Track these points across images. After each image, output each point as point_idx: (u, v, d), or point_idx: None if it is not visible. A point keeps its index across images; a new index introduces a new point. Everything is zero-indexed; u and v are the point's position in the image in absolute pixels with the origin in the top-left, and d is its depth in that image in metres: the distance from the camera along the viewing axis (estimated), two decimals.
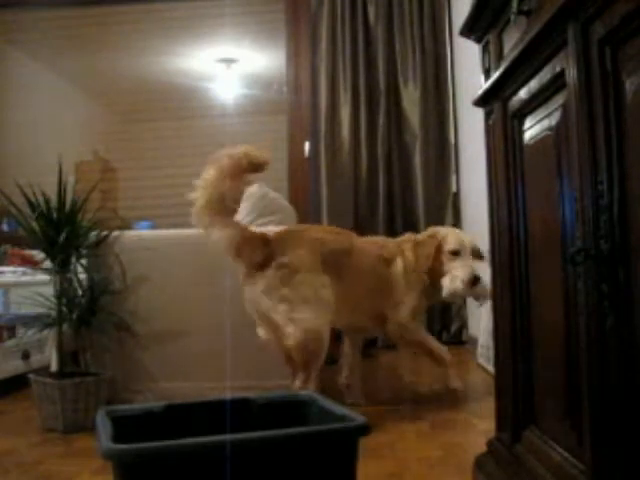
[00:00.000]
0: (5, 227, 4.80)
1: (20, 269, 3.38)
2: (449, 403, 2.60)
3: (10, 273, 3.43)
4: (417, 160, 4.45)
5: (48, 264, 2.52)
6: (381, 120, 4.49)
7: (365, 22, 4.56)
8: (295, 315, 2.24)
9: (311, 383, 2.23)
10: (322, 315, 2.28)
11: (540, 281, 1.36)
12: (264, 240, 2.31)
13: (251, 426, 1.30)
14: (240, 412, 1.39)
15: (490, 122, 1.58)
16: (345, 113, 4.53)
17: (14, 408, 2.74)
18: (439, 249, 2.57)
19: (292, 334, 2.22)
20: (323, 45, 4.57)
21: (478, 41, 1.62)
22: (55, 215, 2.48)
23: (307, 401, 1.39)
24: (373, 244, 2.63)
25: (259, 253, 2.27)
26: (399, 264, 2.57)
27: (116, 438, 1.18)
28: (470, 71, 3.77)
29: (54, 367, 2.56)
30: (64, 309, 2.47)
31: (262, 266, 2.27)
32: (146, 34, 5.48)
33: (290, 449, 1.18)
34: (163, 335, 2.69)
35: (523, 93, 1.36)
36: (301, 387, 2.20)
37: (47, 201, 2.48)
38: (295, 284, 2.25)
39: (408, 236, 2.71)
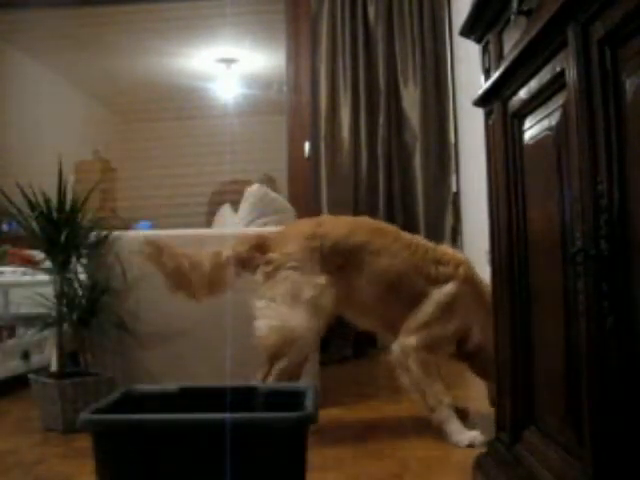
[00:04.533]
0: (5, 227, 4.79)
1: (20, 269, 3.38)
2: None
3: (10, 273, 3.43)
4: (417, 160, 4.45)
5: (48, 264, 2.52)
6: (381, 120, 4.49)
7: (365, 22, 4.55)
8: (267, 311, 2.17)
9: (270, 379, 2.14)
10: (300, 314, 2.15)
11: (540, 281, 1.36)
12: (260, 241, 2.30)
13: (255, 411, 1.48)
14: (246, 398, 1.54)
15: (490, 122, 1.58)
16: (345, 113, 4.52)
17: (14, 408, 2.73)
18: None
19: (258, 328, 2.17)
20: (323, 45, 4.57)
21: (478, 41, 1.62)
22: (55, 215, 2.48)
23: (306, 391, 1.48)
24: (414, 252, 2.24)
25: (258, 255, 2.26)
26: (449, 289, 2.19)
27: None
28: (470, 71, 3.77)
29: (54, 367, 2.55)
30: (64, 309, 2.47)
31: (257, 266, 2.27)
32: (146, 34, 5.48)
33: (237, 434, 1.27)
34: (163, 335, 2.69)
35: (523, 93, 1.36)
36: (262, 380, 2.14)
37: (47, 201, 2.48)
38: (277, 281, 2.20)
39: (461, 257, 2.31)
